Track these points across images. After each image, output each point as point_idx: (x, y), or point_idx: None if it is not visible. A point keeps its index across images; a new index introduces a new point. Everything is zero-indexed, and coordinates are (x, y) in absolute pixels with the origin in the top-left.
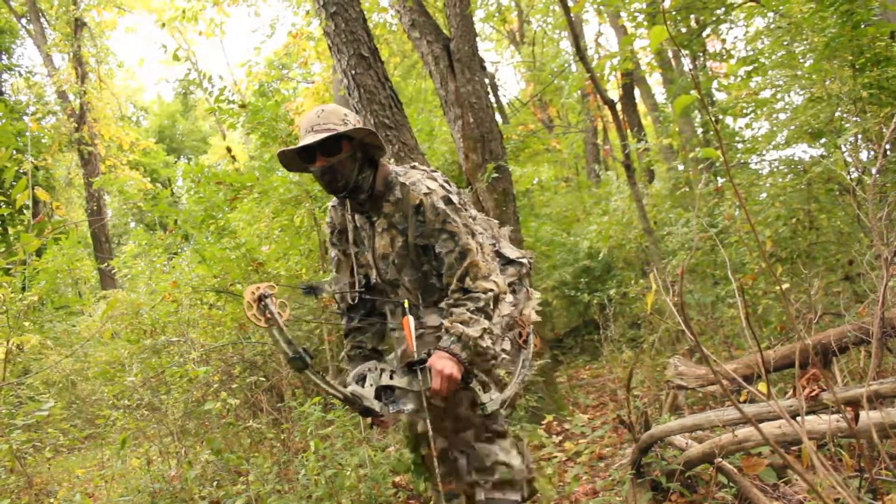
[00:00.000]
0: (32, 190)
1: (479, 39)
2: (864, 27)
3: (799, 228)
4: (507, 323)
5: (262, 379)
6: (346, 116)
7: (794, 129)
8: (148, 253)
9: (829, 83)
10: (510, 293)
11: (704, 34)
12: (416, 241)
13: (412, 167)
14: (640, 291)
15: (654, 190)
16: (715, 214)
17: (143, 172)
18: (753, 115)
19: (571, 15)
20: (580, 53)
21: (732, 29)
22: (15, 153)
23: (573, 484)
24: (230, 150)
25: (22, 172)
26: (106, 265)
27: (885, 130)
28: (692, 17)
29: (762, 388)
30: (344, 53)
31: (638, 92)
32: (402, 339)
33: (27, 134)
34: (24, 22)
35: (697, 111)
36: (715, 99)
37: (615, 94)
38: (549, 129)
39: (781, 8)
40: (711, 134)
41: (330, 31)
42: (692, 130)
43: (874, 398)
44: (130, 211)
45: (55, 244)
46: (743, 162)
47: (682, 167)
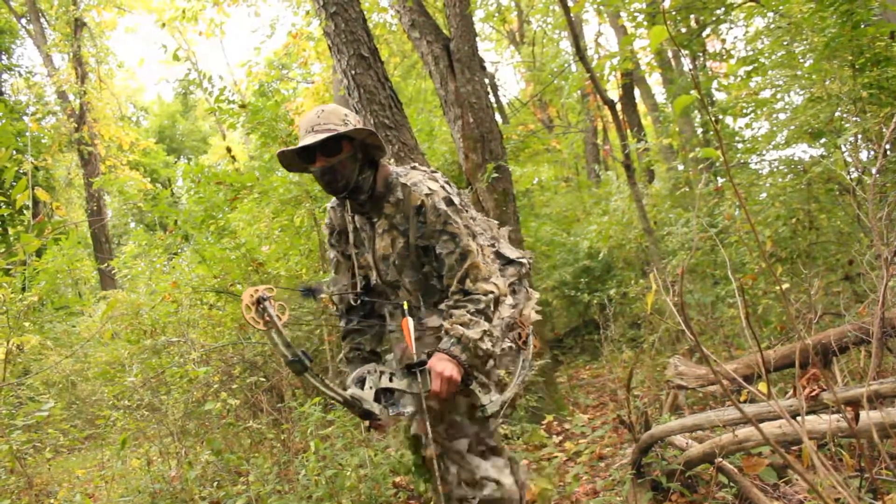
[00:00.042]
0: (32, 190)
1: (478, 39)
2: (863, 27)
3: (799, 228)
4: (507, 324)
5: (262, 379)
6: (346, 117)
7: (794, 129)
8: (148, 253)
9: (828, 83)
10: (510, 294)
11: (704, 34)
12: (417, 242)
13: (412, 168)
14: (640, 291)
15: (654, 190)
16: (715, 214)
17: (143, 173)
18: (753, 115)
19: (571, 15)
20: (580, 53)
21: (732, 29)
22: (15, 153)
23: (573, 484)
24: (230, 150)
25: (22, 173)
26: (106, 265)
27: (885, 130)
28: (692, 17)
29: (762, 387)
30: (344, 53)
31: (638, 92)
32: (401, 340)
33: (27, 134)
34: (23, 22)
35: (697, 111)
36: (715, 99)
37: (615, 94)
38: (549, 129)
39: (781, 8)
40: (711, 134)
41: (330, 31)
42: (692, 130)
43: (874, 398)
44: (130, 211)
45: (55, 244)
46: (743, 162)
47: (682, 167)
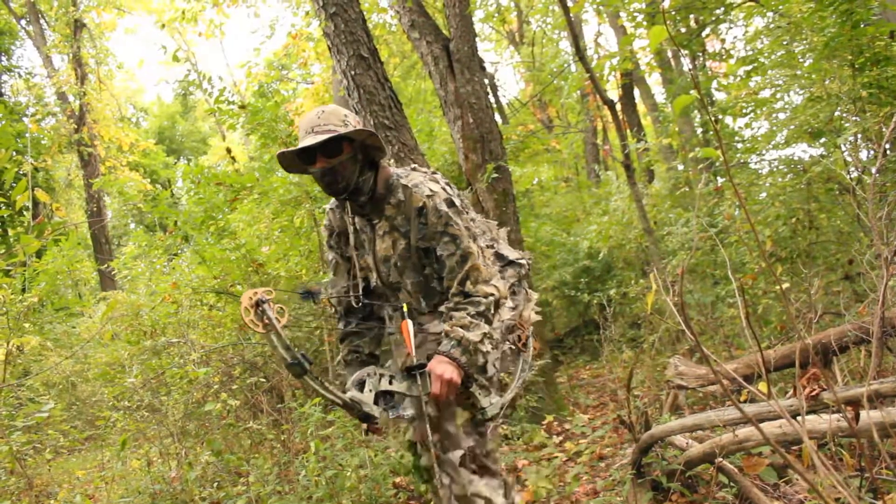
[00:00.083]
0: (32, 191)
1: (478, 40)
2: (863, 27)
3: (799, 228)
4: (507, 326)
5: (262, 380)
6: (346, 117)
7: (793, 128)
8: (148, 254)
9: (828, 83)
10: (510, 295)
11: (704, 34)
12: (418, 243)
13: (413, 169)
14: (640, 291)
15: (653, 190)
16: (715, 214)
17: (142, 173)
18: (753, 114)
19: (571, 15)
20: (580, 53)
21: (732, 29)
22: (15, 154)
23: (574, 484)
24: (230, 150)
25: (22, 174)
26: (106, 266)
27: (884, 130)
28: (692, 17)
29: (762, 387)
30: (343, 54)
31: (637, 92)
32: (400, 343)
33: (27, 135)
34: (23, 23)
35: (697, 111)
36: (714, 99)
37: (615, 94)
38: (548, 129)
39: (781, 8)
40: (711, 134)
41: (329, 31)
42: (692, 130)
43: (874, 397)
44: (130, 212)
45: (55, 245)
46: (743, 162)
47: (681, 167)
